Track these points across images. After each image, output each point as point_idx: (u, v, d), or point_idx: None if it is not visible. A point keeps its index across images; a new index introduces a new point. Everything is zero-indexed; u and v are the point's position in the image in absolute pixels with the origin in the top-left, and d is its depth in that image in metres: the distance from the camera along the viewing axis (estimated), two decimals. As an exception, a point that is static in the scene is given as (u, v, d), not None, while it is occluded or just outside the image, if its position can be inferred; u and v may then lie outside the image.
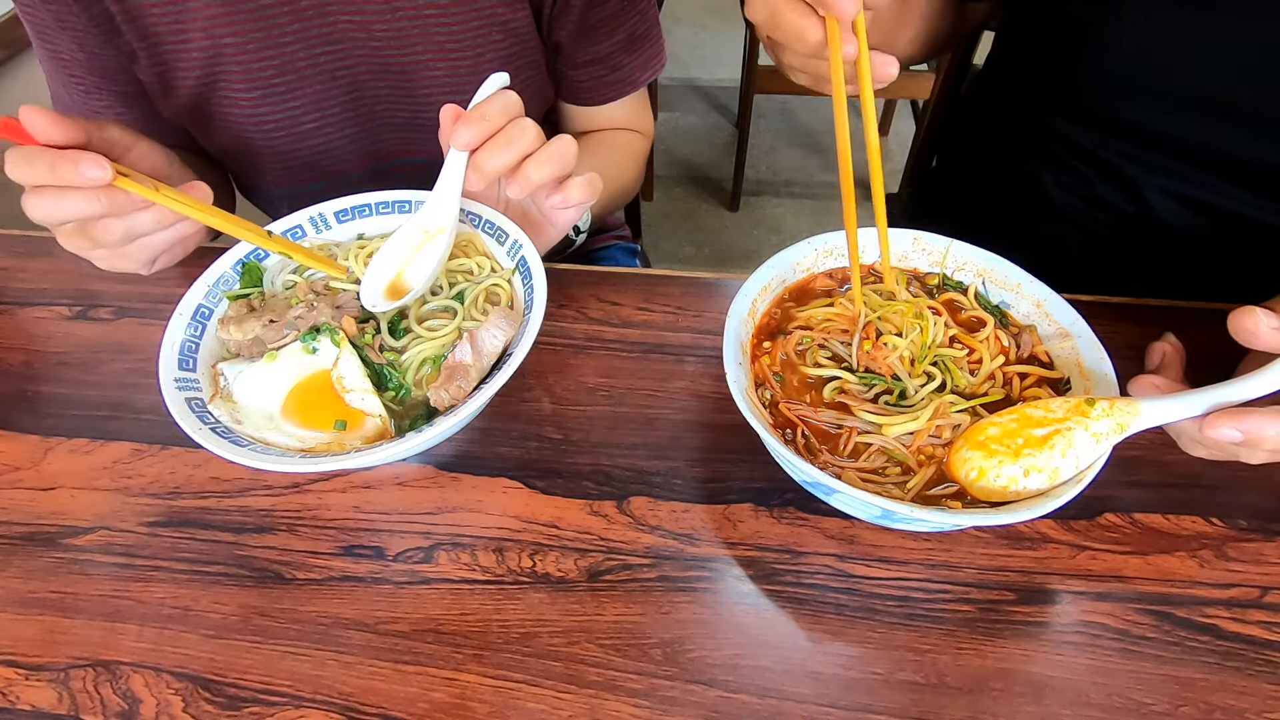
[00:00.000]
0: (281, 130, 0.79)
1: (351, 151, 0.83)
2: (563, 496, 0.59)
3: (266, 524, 0.58)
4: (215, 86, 0.75)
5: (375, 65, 0.77)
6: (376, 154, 0.85)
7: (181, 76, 0.75)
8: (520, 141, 0.60)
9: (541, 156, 0.60)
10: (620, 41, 0.84)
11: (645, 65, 0.88)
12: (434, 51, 0.76)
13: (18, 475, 0.62)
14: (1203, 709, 0.48)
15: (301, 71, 0.76)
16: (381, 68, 0.77)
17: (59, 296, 0.76)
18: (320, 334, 0.60)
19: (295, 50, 0.74)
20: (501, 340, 0.58)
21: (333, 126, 0.81)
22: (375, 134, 0.83)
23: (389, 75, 0.78)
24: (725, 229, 2.42)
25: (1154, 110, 0.70)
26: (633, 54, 0.86)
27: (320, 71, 0.76)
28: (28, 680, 0.51)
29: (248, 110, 0.77)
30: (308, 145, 0.81)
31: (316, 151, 0.82)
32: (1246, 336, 0.44)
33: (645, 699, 0.49)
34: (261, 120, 0.78)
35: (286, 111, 0.78)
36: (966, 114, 1.02)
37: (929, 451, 0.53)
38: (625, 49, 0.85)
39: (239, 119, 0.78)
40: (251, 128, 0.78)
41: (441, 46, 0.76)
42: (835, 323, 0.60)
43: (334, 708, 0.49)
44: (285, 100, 0.77)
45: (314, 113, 0.79)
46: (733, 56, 2.81)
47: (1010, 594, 0.53)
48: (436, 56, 0.77)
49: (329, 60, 0.76)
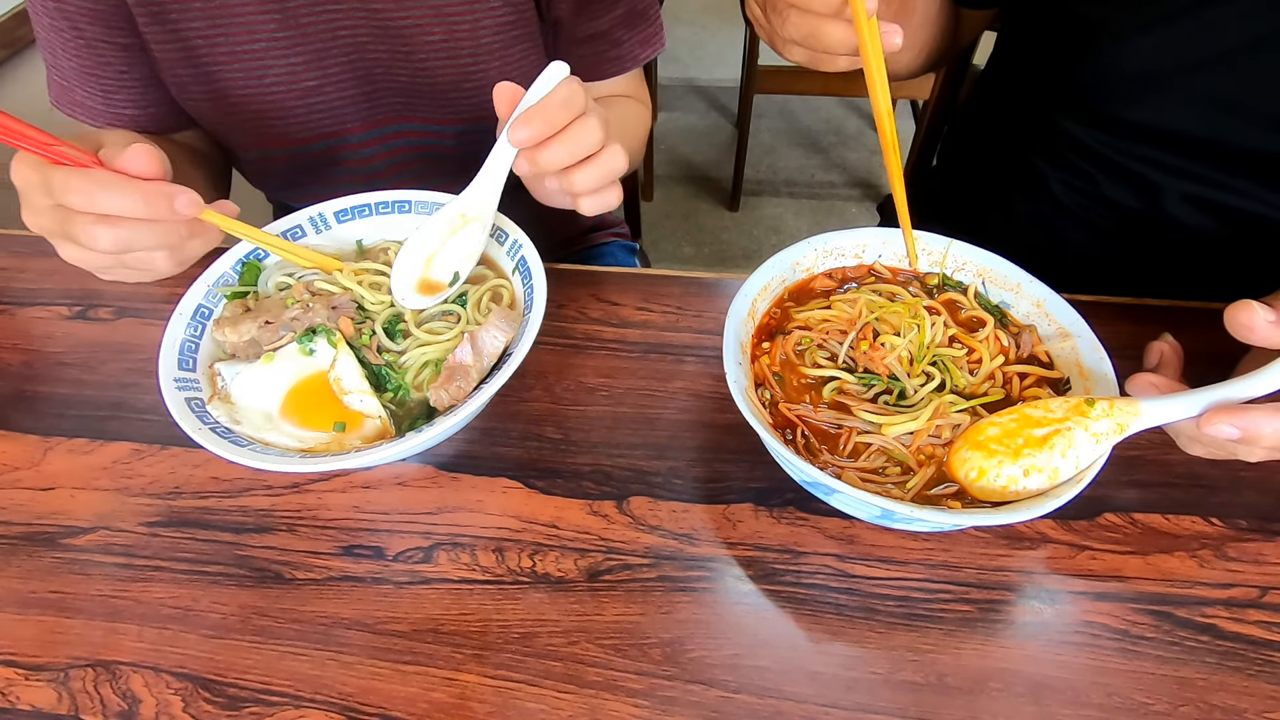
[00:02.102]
0: (282, 85, 0.79)
1: (351, 113, 0.84)
2: (563, 496, 0.59)
3: (266, 524, 0.58)
4: (216, 41, 0.75)
5: (375, 27, 0.77)
6: (375, 117, 0.85)
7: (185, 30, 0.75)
8: (584, 143, 0.57)
9: (592, 167, 0.58)
10: (620, 16, 0.85)
11: (645, 42, 0.88)
12: (431, 15, 0.77)
13: (17, 475, 0.62)
14: (1202, 709, 0.48)
15: (304, 28, 0.76)
16: (380, 30, 0.77)
17: (59, 296, 0.75)
18: (317, 335, 0.60)
19: (297, 5, 0.75)
20: (502, 341, 0.58)
21: (333, 86, 0.81)
22: (374, 96, 0.83)
23: (388, 38, 0.78)
24: (725, 229, 2.42)
25: (1160, 107, 0.70)
26: (633, 30, 0.87)
27: (321, 30, 0.77)
28: (28, 680, 0.51)
29: (249, 64, 0.77)
30: (307, 104, 0.81)
31: (315, 110, 0.82)
32: (1242, 331, 0.44)
33: (645, 699, 0.49)
34: (262, 75, 0.78)
35: (288, 67, 0.78)
36: (969, 113, 1.02)
37: (929, 451, 0.53)
38: (625, 24, 0.86)
39: (239, 74, 0.78)
40: (253, 83, 0.79)
41: (439, 11, 0.76)
42: (834, 323, 0.60)
43: (334, 708, 0.49)
44: (286, 56, 0.77)
45: (314, 70, 0.79)
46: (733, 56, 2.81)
47: (1010, 594, 0.53)
48: (434, 20, 0.77)
49: (330, 18, 0.76)
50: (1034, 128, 0.81)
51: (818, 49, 0.55)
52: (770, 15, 0.57)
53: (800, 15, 0.54)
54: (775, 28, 0.57)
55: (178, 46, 0.76)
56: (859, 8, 0.49)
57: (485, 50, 0.80)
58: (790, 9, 0.54)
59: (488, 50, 0.80)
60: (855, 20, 0.50)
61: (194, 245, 0.59)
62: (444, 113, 0.84)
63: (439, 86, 0.82)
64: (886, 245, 0.66)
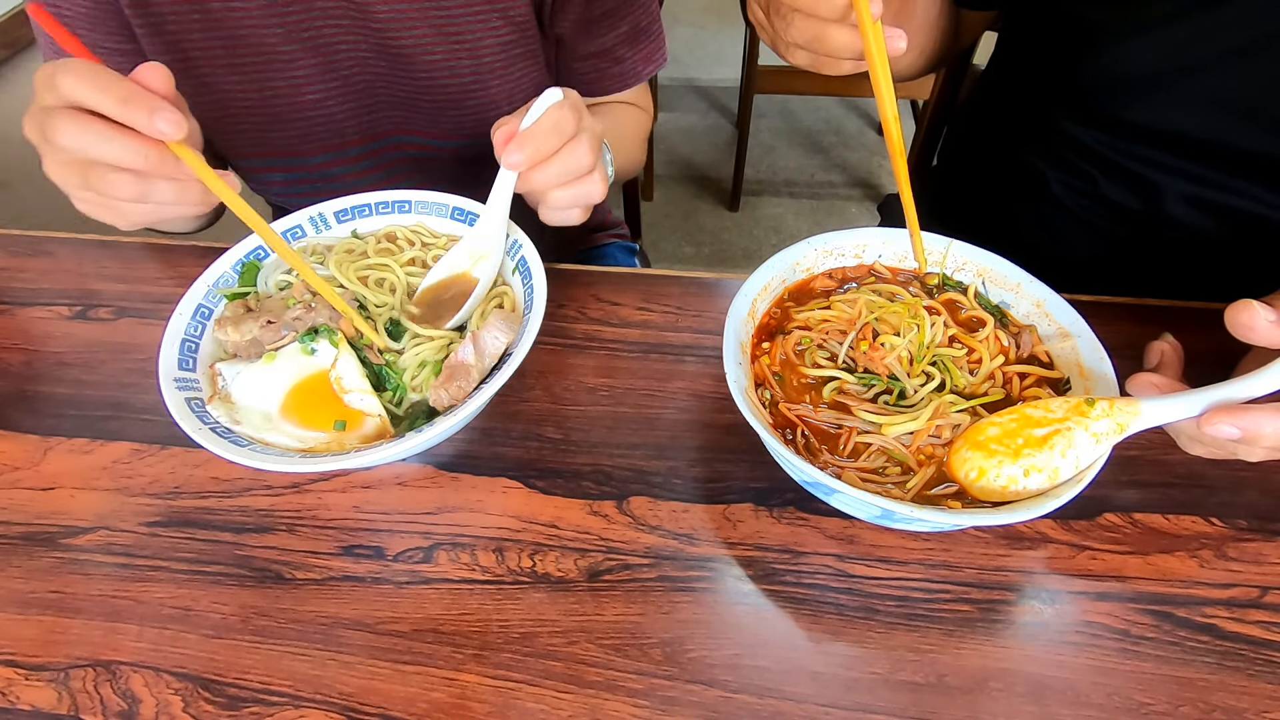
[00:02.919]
0: (281, 98, 0.80)
1: (351, 127, 0.84)
2: (563, 496, 0.59)
3: (266, 524, 0.58)
4: (215, 52, 0.75)
5: (376, 43, 0.78)
6: (375, 131, 0.85)
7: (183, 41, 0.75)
8: (572, 167, 0.59)
9: (569, 190, 0.61)
10: (623, 35, 0.85)
11: (648, 59, 0.89)
12: (433, 34, 0.77)
13: (17, 475, 0.62)
14: (1202, 709, 0.48)
15: (306, 42, 0.76)
16: (382, 46, 0.78)
17: (59, 296, 0.76)
18: (318, 335, 0.60)
19: (299, 19, 0.75)
20: (503, 342, 0.58)
21: (334, 99, 0.81)
22: (374, 110, 0.83)
23: (389, 54, 0.78)
24: (725, 229, 2.42)
25: (1160, 108, 0.70)
26: (636, 47, 0.87)
27: (323, 44, 0.77)
28: (28, 680, 0.51)
29: (249, 76, 0.77)
30: (306, 116, 0.82)
31: (315, 123, 0.82)
32: (1243, 330, 0.44)
33: (645, 699, 0.49)
34: (262, 87, 0.78)
35: (288, 80, 0.78)
36: (969, 113, 1.02)
37: (929, 451, 0.53)
38: (628, 42, 0.86)
39: (238, 85, 0.78)
40: (252, 94, 0.79)
41: (441, 29, 0.77)
42: (834, 323, 0.60)
43: (334, 708, 0.49)
44: (287, 69, 0.78)
45: (315, 84, 0.79)
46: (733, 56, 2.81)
47: (1010, 594, 0.53)
48: (436, 39, 0.77)
49: (332, 32, 0.76)
50: (1034, 128, 0.81)
51: (821, 53, 0.55)
52: (773, 19, 0.57)
53: (804, 19, 0.53)
54: (779, 31, 0.57)
55: (175, 56, 0.76)
56: (864, 12, 0.49)
57: (487, 68, 0.80)
58: (794, 13, 0.54)
59: (489, 68, 0.80)
60: (860, 25, 0.50)
61: (163, 189, 0.51)
62: (444, 128, 0.84)
63: (439, 103, 0.82)
64: (886, 245, 0.66)
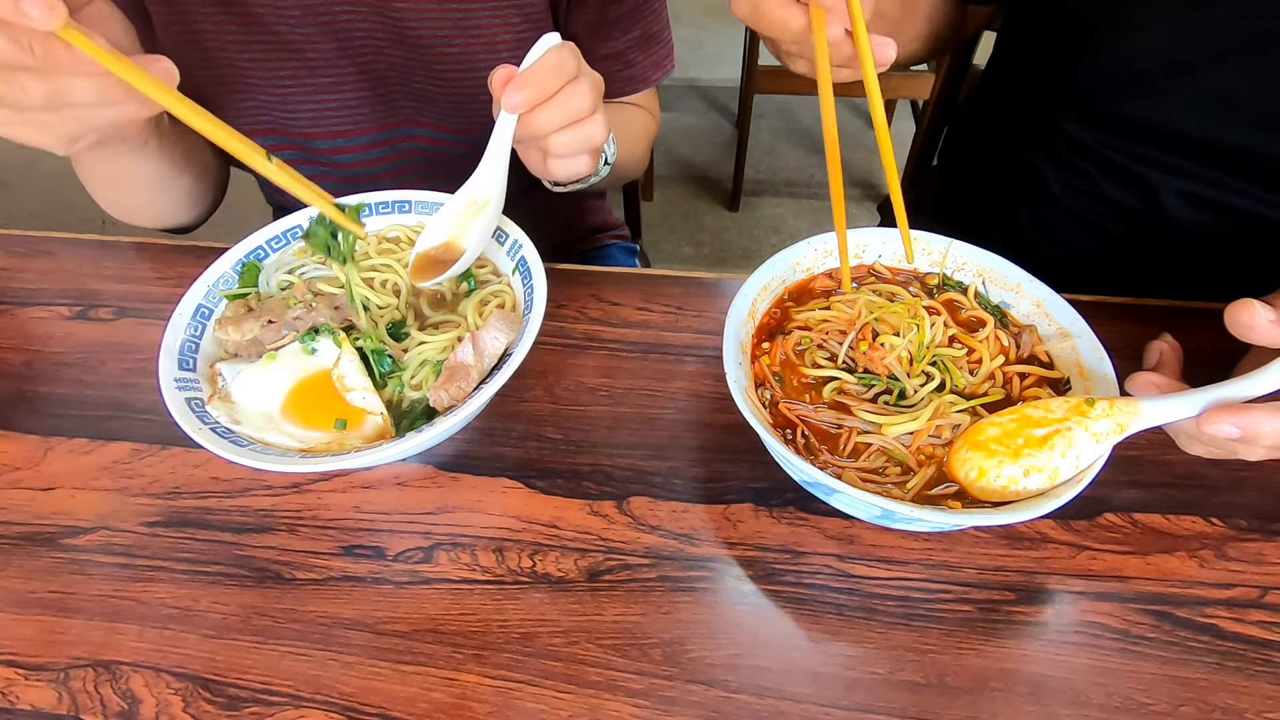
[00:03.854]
0: (296, 81, 0.80)
1: (363, 114, 0.84)
2: (563, 496, 0.59)
3: (266, 524, 0.58)
4: (225, 28, 0.75)
5: (393, 32, 0.78)
6: (386, 120, 0.86)
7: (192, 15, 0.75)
8: (574, 107, 0.57)
9: (572, 132, 0.59)
10: (635, 39, 0.85)
11: (658, 65, 0.90)
12: (451, 27, 0.77)
13: (17, 475, 0.62)
14: (1203, 709, 0.48)
15: (322, 25, 0.76)
16: (399, 35, 0.78)
17: (59, 296, 0.75)
18: (320, 334, 0.60)
19: (314, 4, 0.75)
20: (503, 342, 0.58)
21: (347, 85, 0.81)
22: (388, 99, 0.84)
23: (405, 44, 0.78)
24: (725, 229, 2.42)
25: (1159, 107, 0.70)
26: (646, 52, 0.87)
27: (339, 28, 0.77)
28: (28, 680, 0.51)
29: (261, 55, 0.77)
30: (319, 100, 0.82)
31: (326, 108, 0.82)
32: (1243, 330, 0.44)
33: (645, 699, 0.49)
34: (276, 67, 0.78)
35: (303, 62, 0.78)
36: (969, 113, 1.02)
37: (929, 451, 0.53)
38: (639, 47, 0.86)
39: (249, 62, 0.78)
40: (263, 74, 0.79)
41: (458, 22, 0.77)
42: (834, 323, 0.60)
43: (334, 708, 0.49)
44: (302, 51, 0.78)
45: (330, 68, 0.79)
46: (733, 56, 2.81)
47: (1010, 594, 0.53)
48: (453, 31, 0.77)
49: (348, 18, 0.76)
50: (1034, 127, 0.82)
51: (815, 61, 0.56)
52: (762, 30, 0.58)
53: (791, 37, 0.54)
54: (772, 46, 0.58)
55: (183, 29, 0.75)
56: (820, 35, 0.49)
57: (501, 63, 0.80)
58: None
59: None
60: (855, 33, 0.50)
61: (77, 88, 0.47)
62: (455, 120, 0.84)
63: (453, 95, 0.82)
64: (886, 245, 0.66)
